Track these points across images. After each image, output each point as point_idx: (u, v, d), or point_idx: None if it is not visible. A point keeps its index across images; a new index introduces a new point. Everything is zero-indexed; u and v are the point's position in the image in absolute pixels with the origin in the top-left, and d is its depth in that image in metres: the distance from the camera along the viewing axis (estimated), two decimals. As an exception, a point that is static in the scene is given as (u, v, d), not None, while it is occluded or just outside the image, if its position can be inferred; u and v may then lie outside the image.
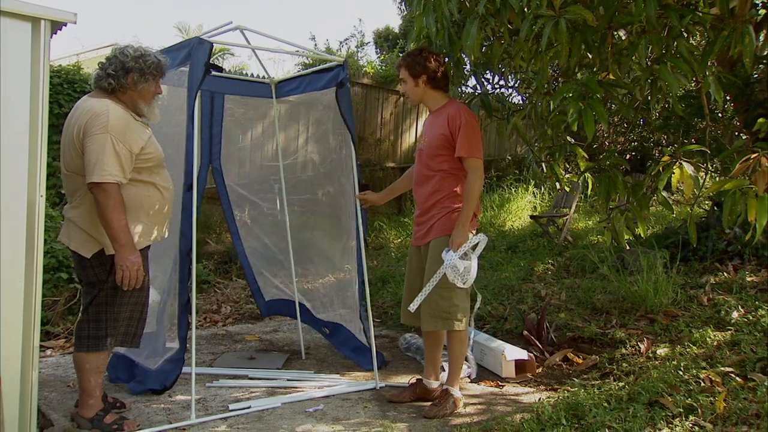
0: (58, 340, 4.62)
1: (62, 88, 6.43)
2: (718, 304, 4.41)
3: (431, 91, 3.50)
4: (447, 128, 3.38)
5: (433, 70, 3.43)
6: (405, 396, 3.64)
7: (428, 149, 3.48)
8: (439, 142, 3.41)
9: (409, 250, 3.75)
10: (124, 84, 3.03)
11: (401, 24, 16.60)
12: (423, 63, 3.42)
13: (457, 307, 3.40)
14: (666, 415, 2.97)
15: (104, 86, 3.03)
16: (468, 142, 3.34)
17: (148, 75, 3.06)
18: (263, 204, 4.78)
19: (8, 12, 2.38)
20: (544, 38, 2.79)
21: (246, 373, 4.06)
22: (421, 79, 3.44)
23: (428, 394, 3.62)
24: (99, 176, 2.81)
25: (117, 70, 3.01)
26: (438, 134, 3.42)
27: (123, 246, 2.89)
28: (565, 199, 8.41)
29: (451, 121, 3.37)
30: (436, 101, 3.53)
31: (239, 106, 4.69)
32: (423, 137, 3.58)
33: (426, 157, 3.50)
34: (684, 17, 2.81)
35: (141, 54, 3.05)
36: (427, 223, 3.49)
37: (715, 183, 3.03)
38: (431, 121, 3.55)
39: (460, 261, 3.25)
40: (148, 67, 3.05)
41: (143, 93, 3.09)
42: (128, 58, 3.02)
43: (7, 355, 2.47)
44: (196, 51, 3.35)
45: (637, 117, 5.54)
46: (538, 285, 5.81)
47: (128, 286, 2.96)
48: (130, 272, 2.91)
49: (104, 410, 3.15)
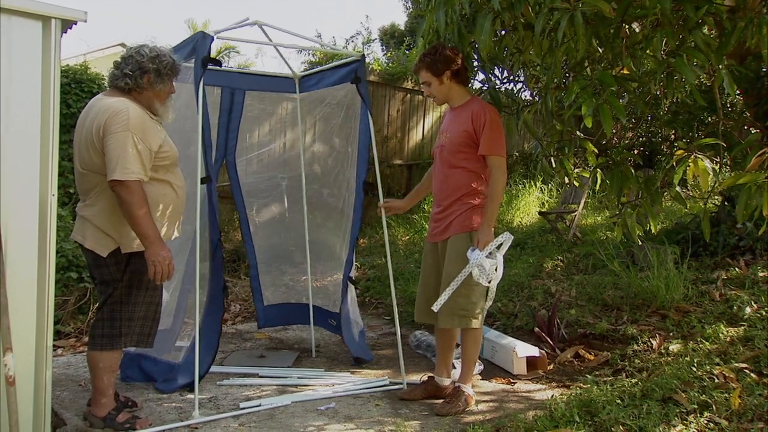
0: (68, 340, 4.63)
1: (70, 88, 6.42)
2: (731, 300, 4.38)
3: (456, 86, 3.47)
4: (471, 125, 3.36)
5: (455, 63, 3.41)
6: (416, 393, 3.63)
7: (450, 145, 3.45)
8: (462, 139, 3.39)
9: (425, 247, 3.73)
10: (140, 84, 3.04)
11: (407, 21, 16.59)
12: (443, 59, 3.39)
13: (474, 305, 3.39)
14: (680, 412, 2.95)
15: (120, 86, 3.03)
16: (492, 139, 3.32)
17: (164, 75, 3.07)
18: (272, 200, 4.78)
19: (18, 11, 2.37)
20: (560, 32, 2.76)
21: (256, 372, 4.06)
22: (445, 75, 3.42)
23: (440, 391, 3.61)
24: (122, 174, 2.81)
25: (134, 70, 3.02)
26: (461, 131, 3.39)
27: (153, 242, 2.88)
28: (574, 195, 8.37)
29: (475, 118, 3.35)
30: (461, 97, 3.50)
31: (259, 102, 4.69)
32: (444, 133, 3.55)
33: (447, 154, 3.47)
34: (699, 9, 2.78)
35: (157, 54, 3.05)
36: (446, 219, 3.46)
37: (730, 177, 3.01)
38: (453, 118, 3.51)
39: (486, 260, 3.23)
40: (164, 67, 3.06)
41: (159, 93, 3.10)
42: (145, 59, 3.02)
43: (20, 355, 2.47)
44: (199, 46, 3.36)
45: (646, 112, 5.51)
46: (547, 281, 5.79)
47: (160, 281, 2.96)
48: (162, 267, 2.91)
49: (116, 409, 3.15)
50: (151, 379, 3.77)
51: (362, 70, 3.82)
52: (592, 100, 2.83)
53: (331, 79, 4.10)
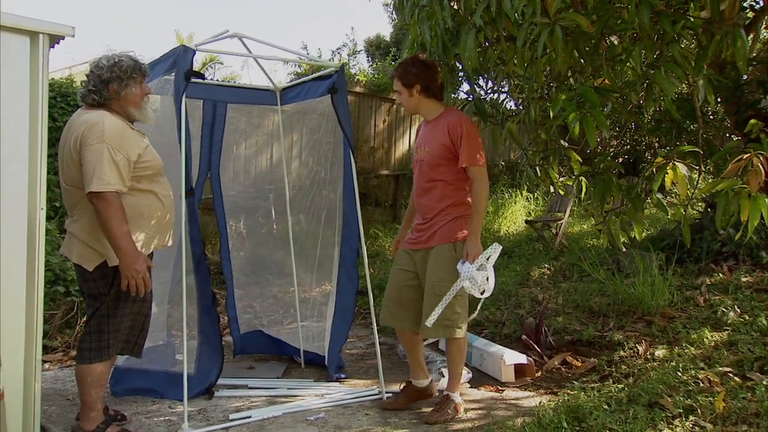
0: (56, 354, 4.60)
1: (56, 102, 6.41)
2: (715, 305, 4.44)
3: (426, 101, 3.47)
4: (448, 138, 3.36)
5: (426, 79, 3.41)
6: (399, 402, 3.63)
7: (429, 159, 3.44)
8: (441, 152, 3.39)
9: (398, 252, 3.71)
10: (107, 96, 3.01)
11: (392, 32, 16.70)
12: (415, 72, 3.40)
13: (459, 315, 3.41)
14: (666, 416, 2.99)
15: (90, 102, 3.03)
16: (471, 150, 3.33)
17: (127, 79, 3.03)
18: (257, 214, 4.79)
19: (7, 26, 2.39)
20: (540, 45, 2.82)
21: (246, 383, 4.05)
22: (414, 88, 3.42)
23: (421, 393, 3.63)
24: (98, 185, 2.80)
25: (96, 84, 3.00)
26: (439, 144, 3.39)
27: (126, 255, 2.87)
28: (560, 204, 8.45)
29: (452, 130, 3.35)
30: (432, 110, 3.50)
31: (242, 115, 4.70)
32: (421, 147, 3.53)
33: (427, 168, 3.47)
34: (676, 23, 2.85)
35: (115, 62, 3.02)
36: (430, 229, 3.46)
37: (708, 183, 3.06)
38: (429, 131, 3.51)
39: (477, 272, 3.25)
40: (124, 72, 3.02)
41: (129, 98, 3.06)
42: (103, 70, 3.00)
43: (9, 368, 2.47)
44: (180, 59, 3.37)
45: (629, 120, 5.59)
46: (534, 289, 5.83)
47: (135, 293, 2.94)
48: (135, 280, 2.90)
49: (105, 423, 3.14)
50: (144, 392, 3.76)
51: (341, 80, 3.79)
52: (578, 111, 2.89)
53: (316, 91, 4.10)
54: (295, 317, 4.74)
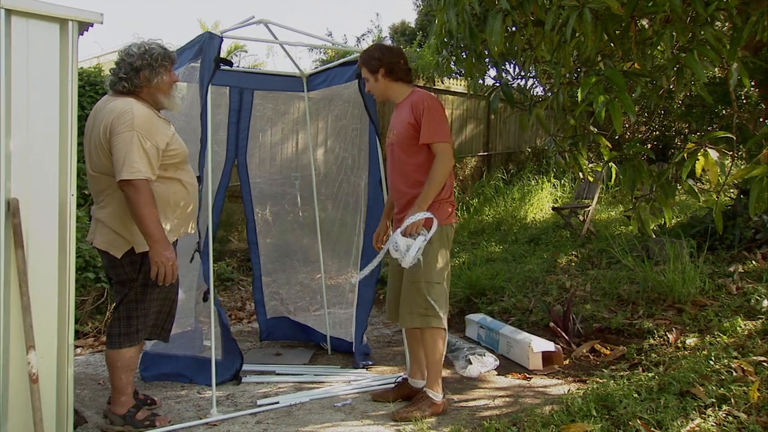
0: (87, 339, 4.68)
1: (84, 91, 6.49)
2: (748, 293, 4.35)
3: (392, 84, 3.42)
4: (412, 116, 3.29)
5: (389, 62, 3.37)
6: (389, 395, 3.56)
7: (399, 141, 3.37)
8: (408, 132, 3.31)
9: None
10: (137, 83, 3.04)
11: (417, 18, 16.58)
12: (378, 56, 3.37)
13: (435, 303, 3.27)
14: (698, 405, 2.94)
15: (120, 89, 3.05)
16: (432, 126, 3.25)
17: (158, 67, 3.06)
18: (284, 201, 4.80)
19: (36, 14, 2.41)
20: (568, 28, 2.76)
21: (273, 369, 4.09)
22: (379, 73, 3.38)
23: (414, 393, 3.48)
24: (129, 173, 2.82)
25: (128, 72, 3.02)
26: (405, 124, 3.32)
27: (157, 242, 2.89)
28: (588, 190, 8.34)
29: (414, 108, 3.29)
30: (400, 93, 3.45)
31: (268, 102, 4.70)
32: (391, 130, 3.47)
33: (398, 150, 3.39)
34: (710, 4, 2.77)
35: (145, 50, 3.04)
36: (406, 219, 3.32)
37: (741, 170, 2.99)
38: (397, 114, 3.45)
39: (401, 238, 3.16)
40: (155, 59, 3.04)
41: (159, 86, 3.09)
42: (134, 57, 3.02)
43: (43, 353, 2.51)
44: (207, 46, 3.37)
45: (659, 105, 5.49)
46: (562, 277, 5.78)
47: (163, 281, 2.97)
48: (165, 267, 2.92)
49: (136, 407, 3.19)
50: (173, 377, 3.82)
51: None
52: (605, 95, 2.83)
53: (342, 77, 4.10)
54: (322, 304, 4.76)
